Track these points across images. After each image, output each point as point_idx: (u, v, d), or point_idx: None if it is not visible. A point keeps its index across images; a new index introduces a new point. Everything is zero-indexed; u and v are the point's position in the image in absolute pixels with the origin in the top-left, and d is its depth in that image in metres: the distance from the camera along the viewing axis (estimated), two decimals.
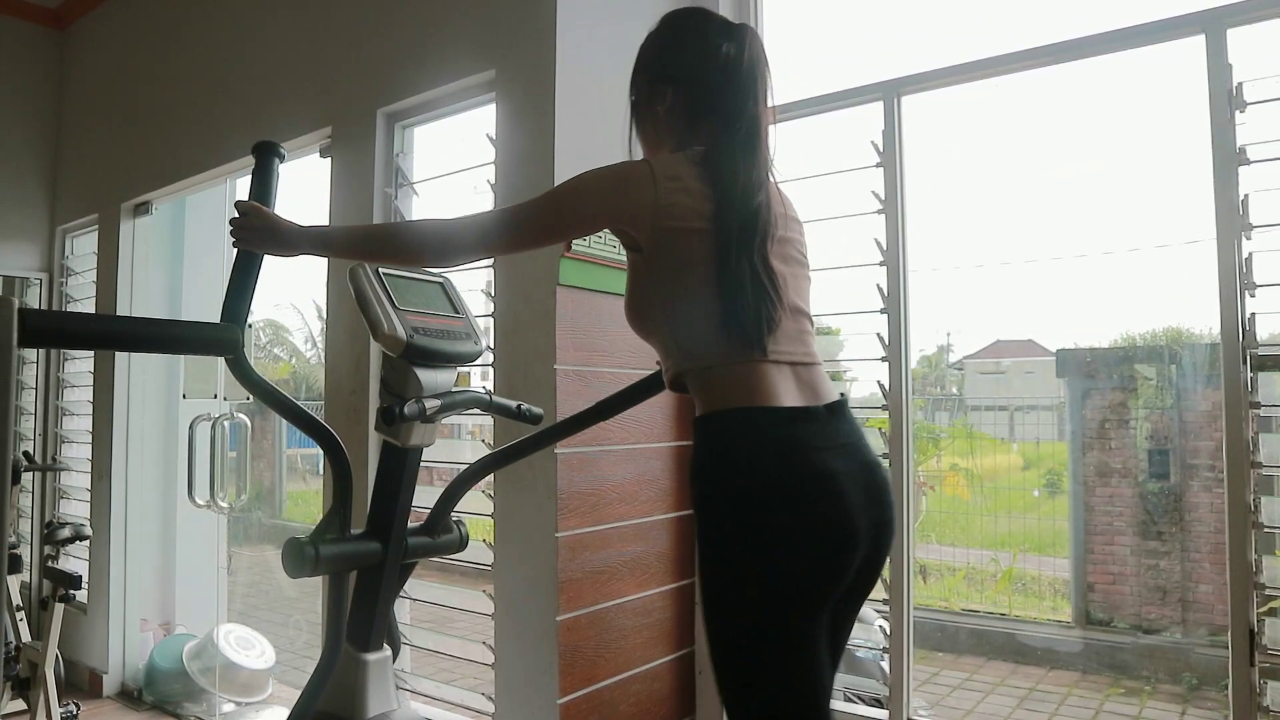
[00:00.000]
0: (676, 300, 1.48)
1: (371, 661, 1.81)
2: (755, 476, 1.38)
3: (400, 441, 1.77)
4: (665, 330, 1.52)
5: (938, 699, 4.91)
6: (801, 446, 1.40)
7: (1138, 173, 7.42)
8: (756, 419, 1.41)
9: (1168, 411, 5.82)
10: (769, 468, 1.38)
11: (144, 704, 3.76)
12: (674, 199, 1.46)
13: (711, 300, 1.45)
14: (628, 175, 1.49)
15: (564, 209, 1.53)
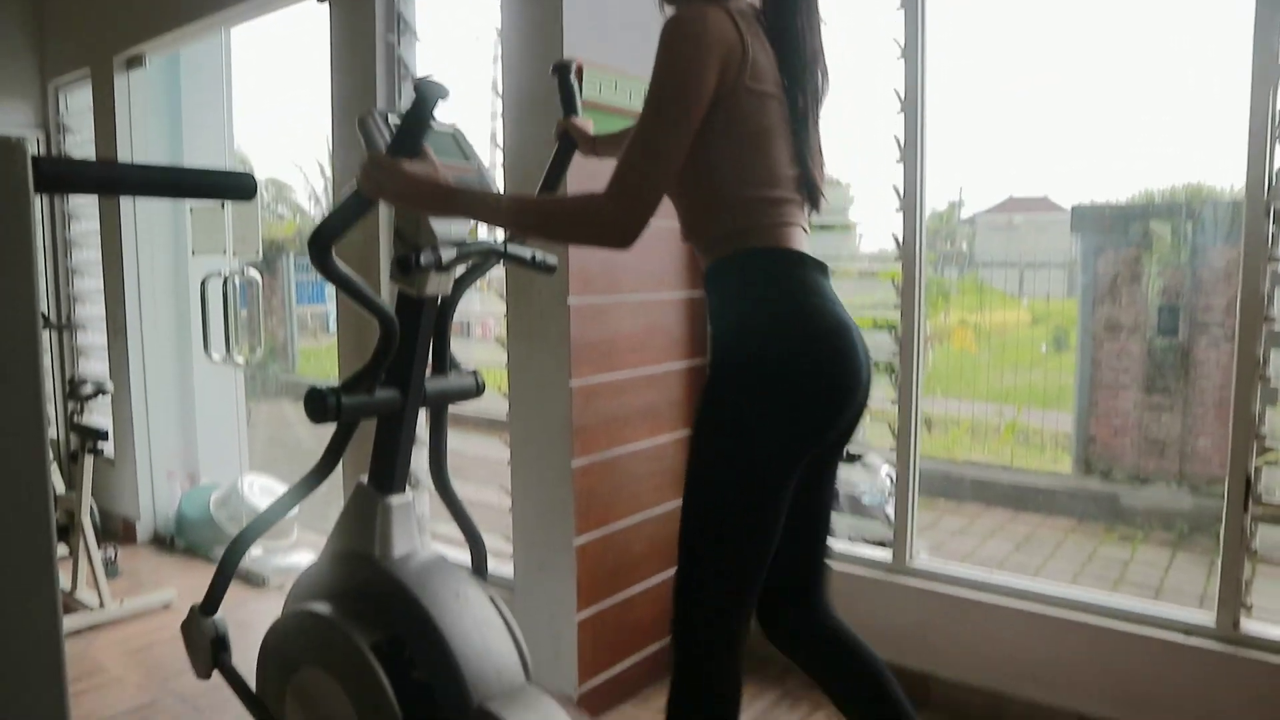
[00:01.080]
0: (733, 162, 1.44)
1: (395, 505, 1.88)
2: (780, 313, 1.40)
3: (416, 291, 1.77)
4: (709, 190, 1.47)
5: (939, 543, 5.10)
6: (819, 292, 1.43)
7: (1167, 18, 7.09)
8: (780, 258, 1.43)
9: (1182, 268, 5.78)
10: (793, 307, 1.40)
11: (176, 549, 3.94)
12: (756, 57, 1.41)
13: (777, 164, 1.45)
14: (721, 32, 1.36)
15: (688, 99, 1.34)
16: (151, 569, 3.71)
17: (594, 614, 2.49)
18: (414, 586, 1.78)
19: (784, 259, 1.44)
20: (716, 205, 1.47)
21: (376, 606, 1.83)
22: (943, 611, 2.50)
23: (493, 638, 1.80)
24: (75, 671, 2.79)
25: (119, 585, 3.48)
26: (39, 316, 0.65)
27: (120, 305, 3.88)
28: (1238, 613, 2.16)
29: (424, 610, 1.75)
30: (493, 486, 2.70)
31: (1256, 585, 2.18)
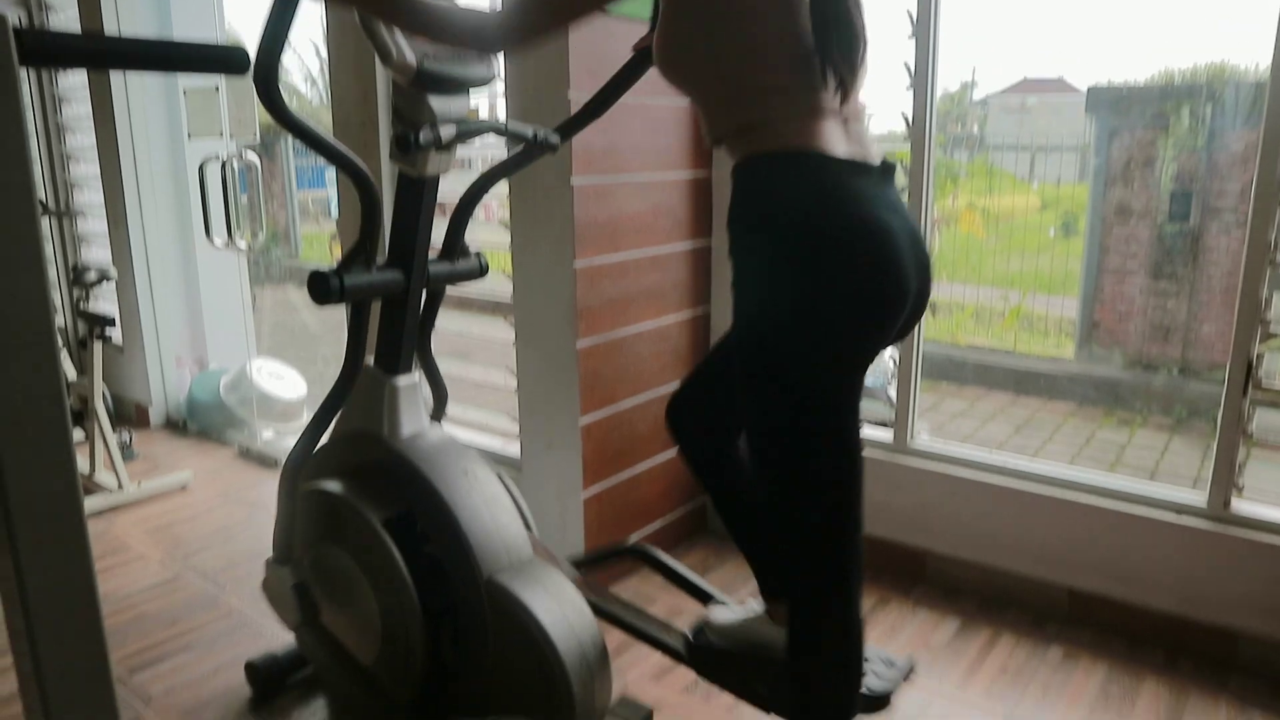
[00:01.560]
0: (739, 42, 1.32)
1: (401, 386, 1.90)
2: (806, 220, 1.28)
3: (416, 171, 1.75)
4: (717, 77, 1.36)
5: (940, 424, 5.17)
6: (858, 196, 1.30)
7: None
8: (816, 162, 1.30)
9: (1198, 152, 5.66)
10: (816, 213, 1.28)
11: (190, 433, 4.01)
12: None
13: (788, 41, 1.32)
14: None
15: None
16: (167, 452, 3.79)
17: (599, 491, 2.56)
18: (423, 464, 1.83)
19: (802, 166, 1.30)
20: (724, 97, 1.36)
21: (387, 484, 1.88)
22: (941, 491, 2.56)
23: (501, 514, 1.85)
24: (99, 550, 2.89)
25: (136, 468, 3.56)
26: (35, 193, 0.65)
27: (119, 191, 3.84)
28: (1229, 493, 2.21)
29: (433, 487, 1.80)
30: (499, 368, 2.73)
31: (1249, 468, 2.22)
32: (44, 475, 0.63)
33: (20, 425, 0.63)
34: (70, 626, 0.65)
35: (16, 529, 0.62)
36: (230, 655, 2.28)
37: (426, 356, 2.07)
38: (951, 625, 2.41)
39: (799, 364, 1.33)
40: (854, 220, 1.29)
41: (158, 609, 2.53)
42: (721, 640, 1.78)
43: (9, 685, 2.16)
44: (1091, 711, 2.05)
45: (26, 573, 0.63)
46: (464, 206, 1.89)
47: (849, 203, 1.29)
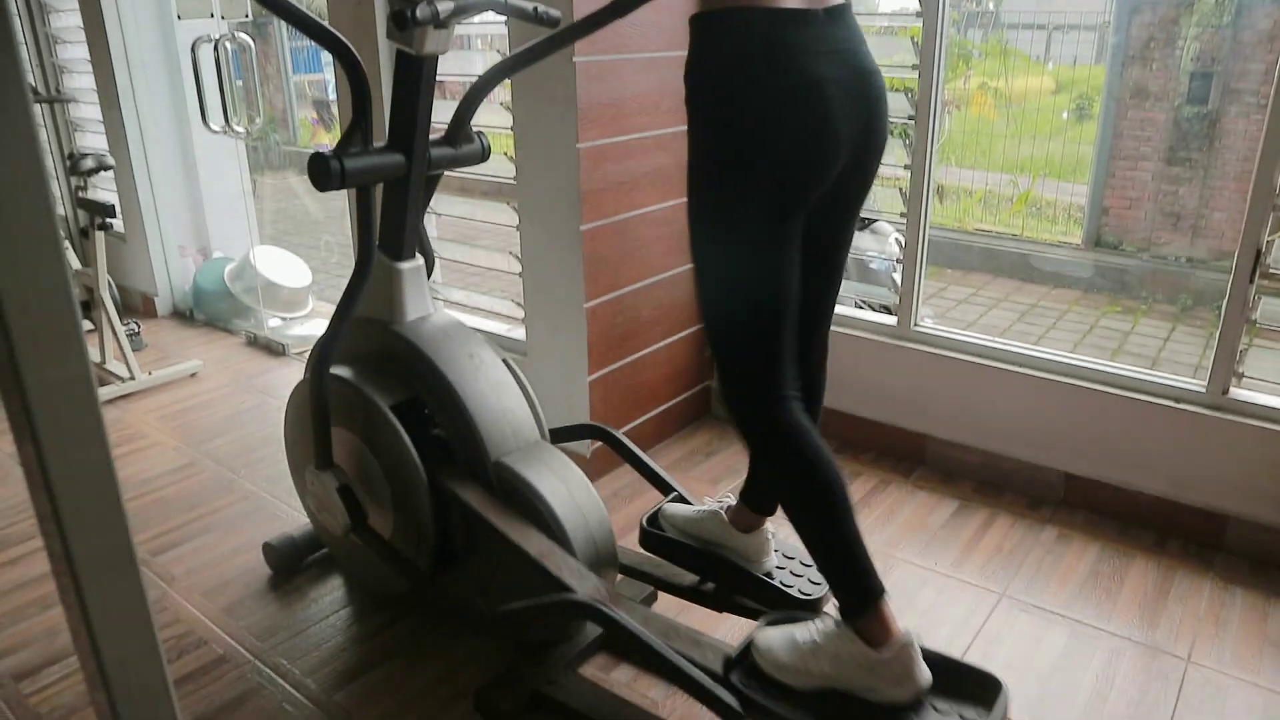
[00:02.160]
0: None
1: (405, 270, 1.90)
2: (737, 73, 1.34)
3: (414, 49, 1.70)
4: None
5: (943, 310, 5.18)
6: (790, 49, 1.33)
7: None
8: (749, 18, 1.33)
9: (1222, 30, 5.46)
10: (755, 68, 1.33)
11: (197, 321, 4.03)
12: None
13: None
14: None
15: None
16: (175, 341, 3.82)
17: (604, 375, 2.58)
18: (429, 348, 1.84)
19: (743, 21, 1.33)
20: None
21: (394, 369, 1.90)
22: (942, 375, 2.58)
23: (507, 397, 1.88)
24: (117, 437, 2.94)
25: (145, 357, 3.60)
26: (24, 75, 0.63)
27: (109, 75, 3.74)
28: (1229, 380, 2.22)
29: (439, 371, 1.82)
30: (502, 253, 2.72)
31: (1251, 357, 2.23)
32: (57, 364, 0.64)
33: (29, 315, 0.63)
34: (93, 509, 0.68)
35: (35, 417, 0.63)
36: (248, 537, 2.35)
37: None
38: (949, 507, 2.47)
39: (732, 208, 1.40)
40: (776, 73, 1.33)
41: (176, 493, 2.60)
42: (674, 531, 1.88)
43: (41, 566, 2.25)
44: (1081, 589, 2.13)
45: (48, 459, 0.65)
46: (475, 94, 1.84)
47: (773, 57, 1.33)
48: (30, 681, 1.85)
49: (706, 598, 1.88)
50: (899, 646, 1.39)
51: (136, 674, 0.71)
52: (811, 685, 1.44)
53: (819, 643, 1.45)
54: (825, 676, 1.43)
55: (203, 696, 1.80)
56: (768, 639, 1.50)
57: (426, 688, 1.82)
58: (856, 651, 1.41)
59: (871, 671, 1.40)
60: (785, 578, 1.77)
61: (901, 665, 1.39)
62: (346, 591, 2.14)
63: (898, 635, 1.40)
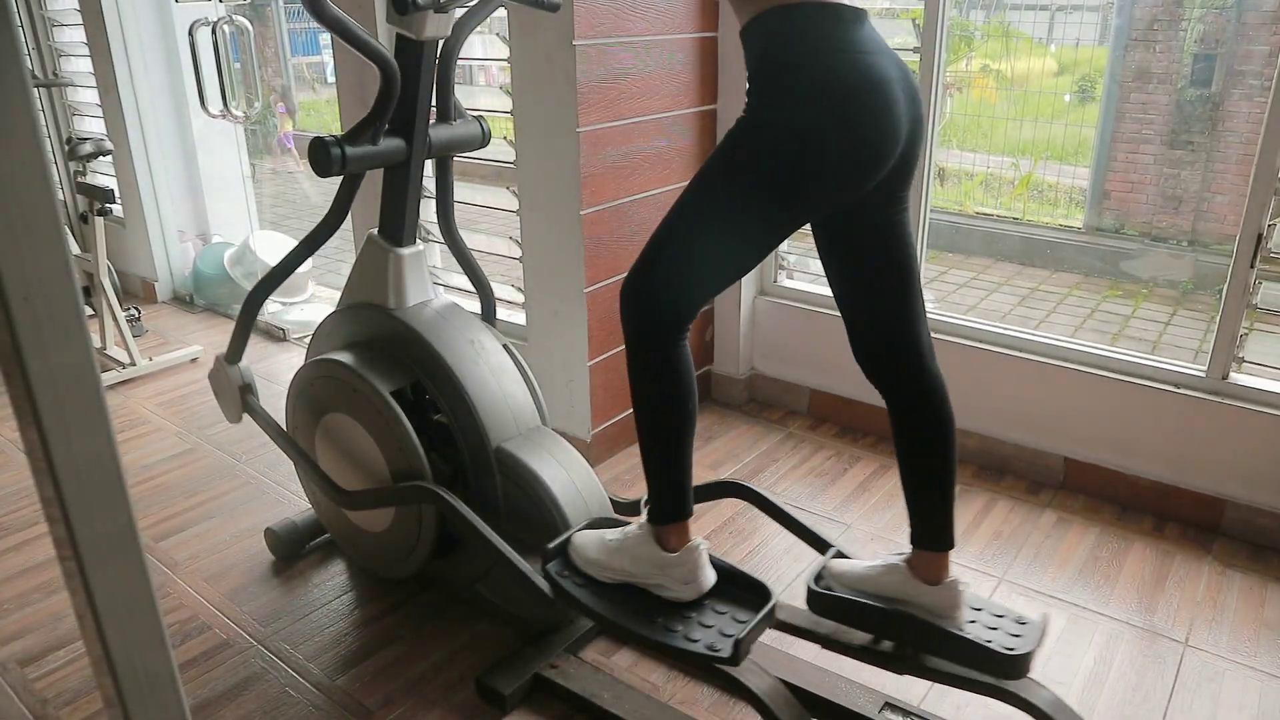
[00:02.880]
0: None
1: (406, 255, 1.90)
2: (807, 68, 1.33)
3: (414, 34, 1.69)
4: None
5: (944, 295, 5.17)
6: (850, 47, 1.34)
7: None
8: (812, 14, 1.33)
9: (1226, 11, 5.42)
10: (821, 63, 1.33)
11: (197, 307, 4.03)
12: None
13: None
14: None
15: None
16: (175, 326, 3.82)
17: (604, 360, 2.58)
18: (429, 334, 1.84)
19: (807, 13, 1.34)
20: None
21: (395, 354, 1.90)
22: (942, 360, 2.56)
23: (508, 383, 1.88)
24: (119, 423, 2.95)
25: (146, 342, 3.60)
26: (22, 56, 0.63)
27: (107, 58, 3.72)
28: (1229, 365, 2.23)
29: (440, 356, 1.82)
30: (502, 237, 2.71)
31: (1252, 342, 2.23)
32: (59, 349, 0.64)
33: (31, 300, 0.63)
34: (97, 494, 0.68)
35: (39, 402, 0.63)
36: (250, 523, 2.36)
37: (454, 239, 2.05)
38: None
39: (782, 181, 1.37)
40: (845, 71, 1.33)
41: (178, 479, 2.60)
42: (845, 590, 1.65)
43: (45, 551, 2.25)
44: (1080, 573, 2.13)
45: (52, 444, 0.65)
46: (445, 60, 1.83)
47: (853, 54, 1.33)
48: (36, 667, 1.87)
49: (886, 658, 1.64)
50: (687, 550, 1.55)
51: (142, 659, 0.72)
52: (612, 579, 1.61)
53: (622, 542, 1.61)
54: (624, 572, 1.60)
55: (206, 681, 1.81)
56: (583, 537, 1.67)
57: (429, 672, 1.83)
58: (652, 553, 1.57)
59: (662, 570, 1.56)
60: (979, 632, 1.55)
61: (688, 568, 1.55)
62: (349, 576, 2.15)
63: (689, 542, 1.56)
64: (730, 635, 1.47)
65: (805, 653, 1.83)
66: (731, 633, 1.48)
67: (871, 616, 1.61)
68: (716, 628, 1.51)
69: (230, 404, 2.10)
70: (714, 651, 1.46)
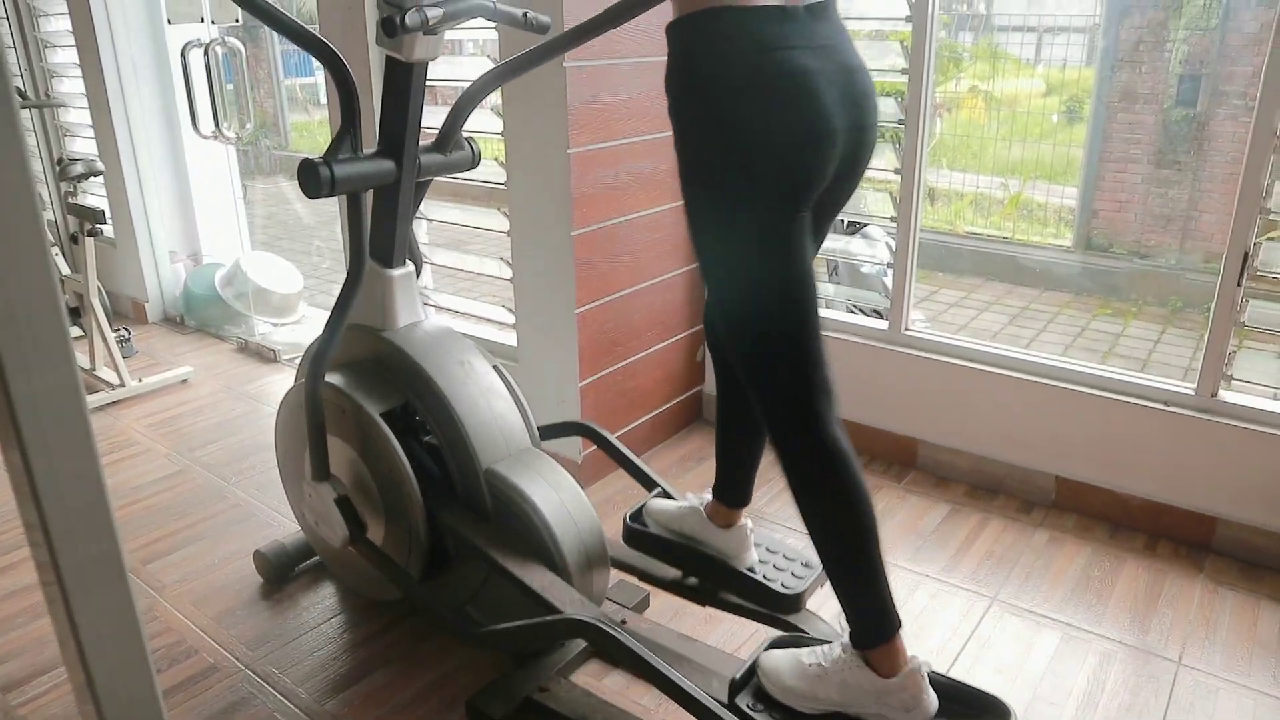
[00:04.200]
0: None
1: (396, 276, 1.89)
2: (724, 75, 1.31)
3: (404, 56, 1.70)
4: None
5: (935, 314, 5.19)
6: (771, 44, 1.30)
7: None
8: (727, 17, 1.31)
9: (1210, 33, 5.49)
10: (737, 65, 1.30)
11: (188, 328, 4.02)
12: None
13: None
14: None
15: None
16: (166, 347, 3.80)
17: (596, 380, 2.58)
18: (419, 355, 1.84)
19: (722, 21, 1.31)
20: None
21: (385, 376, 1.89)
22: (934, 379, 2.58)
23: (498, 404, 1.88)
24: (107, 444, 2.93)
25: (136, 363, 3.58)
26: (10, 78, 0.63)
27: (99, 79, 3.73)
28: (1218, 383, 2.23)
29: (430, 377, 1.81)
30: (493, 258, 2.71)
31: (1240, 360, 2.24)
32: (44, 372, 0.64)
33: (15, 322, 0.63)
34: (81, 518, 0.67)
35: (21, 424, 0.63)
36: (239, 545, 2.34)
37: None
38: (941, 511, 2.47)
39: (736, 205, 1.36)
40: (762, 67, 1.31)
41: (167, 501, 2.58)
42: (656, 527, 1.90)
43: (29, 575, 2.23)
44: (1073, 593, 2.13)
45: (35, 467, 0.64)
46: (465, 103, 1.83)
47: (763, 50, 1.30)
48: (19, 692, 1.84)
49: (691, 592, 1.88)
50: (907, 674, 1.39)
51: (125, 685, 0.71)
52: (818, 710, 1.44)
53: (826, 668, 1.45)
54: (832, 702, 1.43)
55: (193, 706, 1.79)
56: (774, 661, 1.49)
57: (418, 696, 1.82)
58: (865, 679, 1.41)
59: (879, 699, 1.40)
60: (768, 572, 1.78)
61: (910, 693, 1.39)
62: (338, 599, 2.13)
63: (907, 664, 1.41)
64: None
65: None
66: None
67: (672, 552, 1.86)
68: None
69: (336, 525, 1.85)
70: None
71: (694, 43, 1.34)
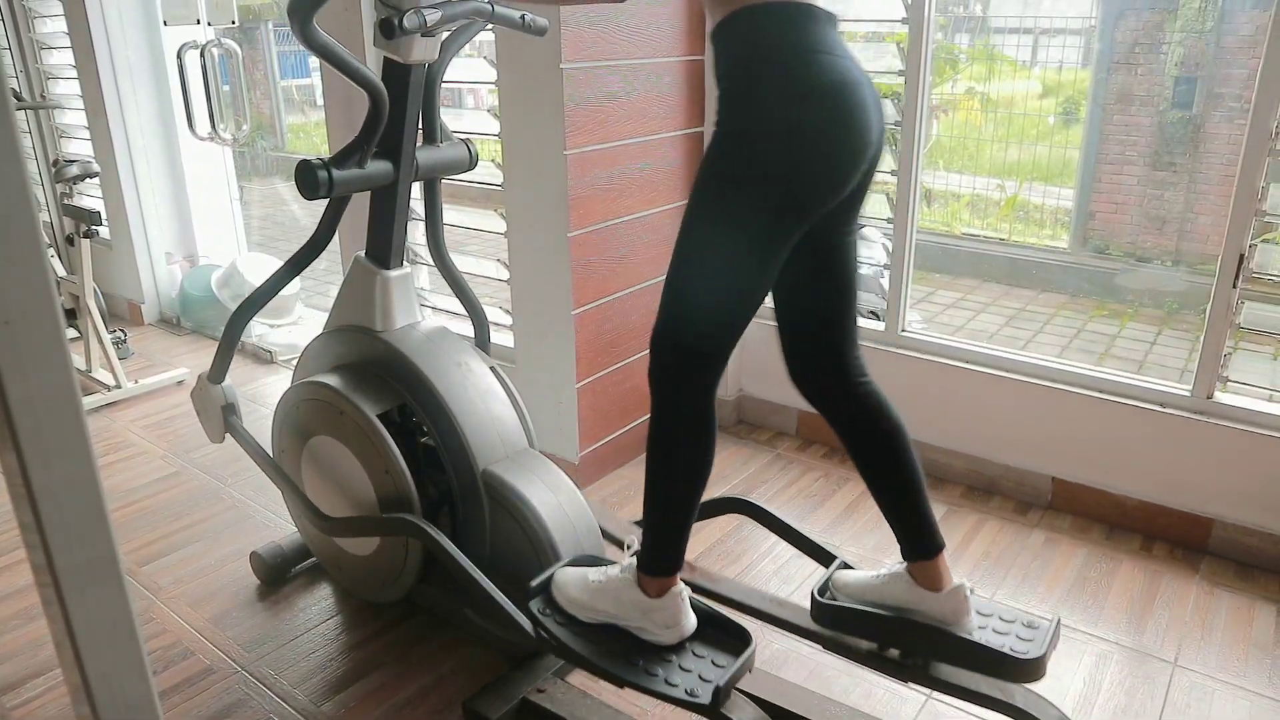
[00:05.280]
0: None
1: (394, 277, 1.90)
2: (783, 67, 1.33)
3: (402, 57, 1.70)
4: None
5: (932, 315, 5.19)
6: (822, 49, 1.34)
7: None
8: (780, 13, 1.34)
9: (1205, 35, 5.50)
10: (791, 67, 1.32)
11: (184, 329, 4.01)
12: None
13: None
14: None
15: None
16: (162, 349, 3.80)
17: (592, 381, 2.58)
18: (416, 357, 1.84)
19: (785, 13, 1.34)
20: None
21: (382, 377, 1.89)
22: (931, 381, 2.59)
23: (495, 405, 1.88)
24: (103, 446, 2.92)
25: (132, 365, 3.58)
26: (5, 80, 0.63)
27: (95, 81, 3.72)
28: (1214, 385, 2.24)
29: (427, 379, 1.81)
30: (490, 259, 2.71)
31: (1236, 361, 2.24)
32: (39, 374, 0.64)
33: (12, 324, 0.63)
34: (77, 520, 0.67)
35: (17, 427, 0.63)
36: (235, 547, 2.34)
37: (445, 263, 2.05)
38: (937, 512, 2.43)
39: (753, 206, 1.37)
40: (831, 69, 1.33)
41: (162, 503, 2.58)
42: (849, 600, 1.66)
43: (24, 577, 2.23)
44: (1069, 594, 2.13)
45: (30, 469, 0.64)
46: (430, 82, 1.82)
47: (822, 53, 1.33)
48: (13, 695, 1.84)
49: (893, 666, 1.62)
50: (670, 596, 1.55)
51: (121, 687, 0.71)
52: (594, 619, 1.61)
53: (604, 583, 1.61)
54: (606, 614, 1.60)
55: (189, 708, 1.79)
56: (566, 575, 1.66)
57: (414, 698, 1.82)
58: (635, 597, 1.57)
59: (645, 615, 1.57)
60: (989, 638, 1.53)
61: (670, 613, 1.55)
62: (335, 601, 2.13)
63: (672, 589, 1.56)
64: (710, 681, 1.47)
65: (795, 675, 1.82)
66: (711, 678, 1.48)
67: (876, 624, 1.61)
68: (696, 672, 1.51)
69: (213, 423, 2.10)
70: (693, 697, 1.46)
71: (751, 35, 1.35)
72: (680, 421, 1.50)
